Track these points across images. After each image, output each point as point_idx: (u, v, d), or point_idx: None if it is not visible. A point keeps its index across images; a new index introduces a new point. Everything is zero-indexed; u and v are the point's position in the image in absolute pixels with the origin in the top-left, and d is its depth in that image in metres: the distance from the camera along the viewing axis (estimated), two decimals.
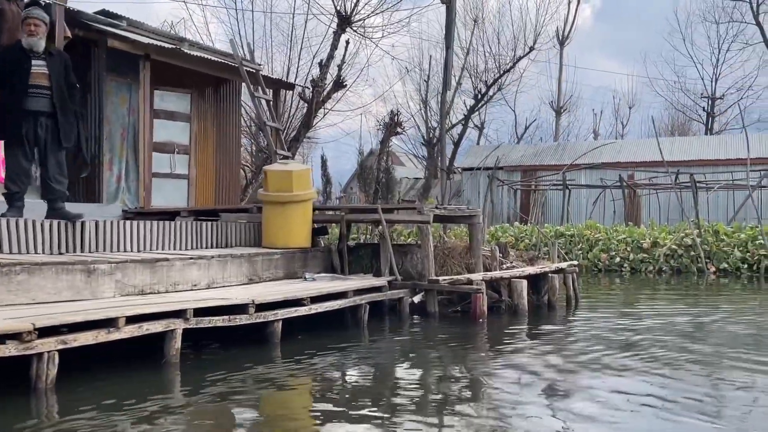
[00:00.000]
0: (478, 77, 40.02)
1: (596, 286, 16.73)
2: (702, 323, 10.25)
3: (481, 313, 9.29)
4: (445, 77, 16.17)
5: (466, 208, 10.72)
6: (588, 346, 8.23)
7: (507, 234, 22.16)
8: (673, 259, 19.31)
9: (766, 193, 23.15)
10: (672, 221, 24.43)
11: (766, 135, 31.99)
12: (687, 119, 51.29)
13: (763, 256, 18.12)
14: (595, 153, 31.87)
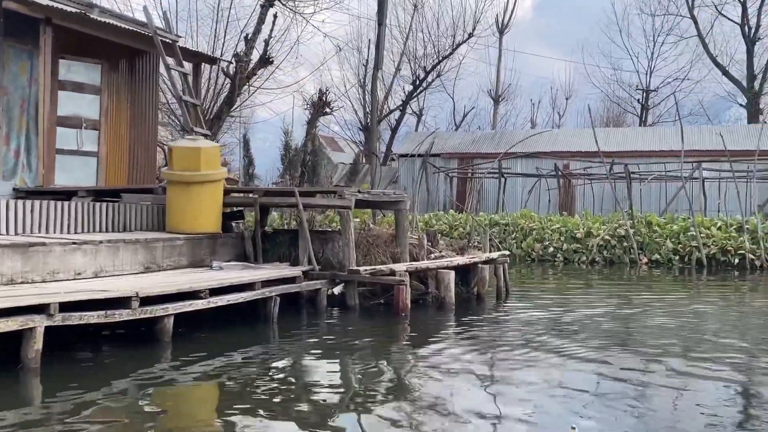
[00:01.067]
0: (417, 63, 39.46)
1: (529, 277, 16.29)
2: (626, 315, 9.93)
3: (404, 307, 8.57)
4: (377, 56, 15.39)
5: (393, 193, 9.98)
6: (512, 340, 7.77)
7: (441, 222, 21.60)
8: (606, 249, 19.07)
9: (698, 184, 23.18)
10: (606, 211, 24.30)
11: (698, 127, 32.32)
12: (622, 111, 51.83)
13: (695, 248, 18.01)
14: (531, 141, 31.63)
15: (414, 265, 9.35)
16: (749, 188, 20.81)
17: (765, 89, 38.16)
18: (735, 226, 18.37)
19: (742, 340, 8.05)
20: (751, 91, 37.80)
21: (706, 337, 8.23)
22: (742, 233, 17.85)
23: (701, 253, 17.82)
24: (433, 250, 10.97)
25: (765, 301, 12.42)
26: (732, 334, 8.61)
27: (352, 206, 8.87)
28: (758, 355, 7.24)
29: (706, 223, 18.83)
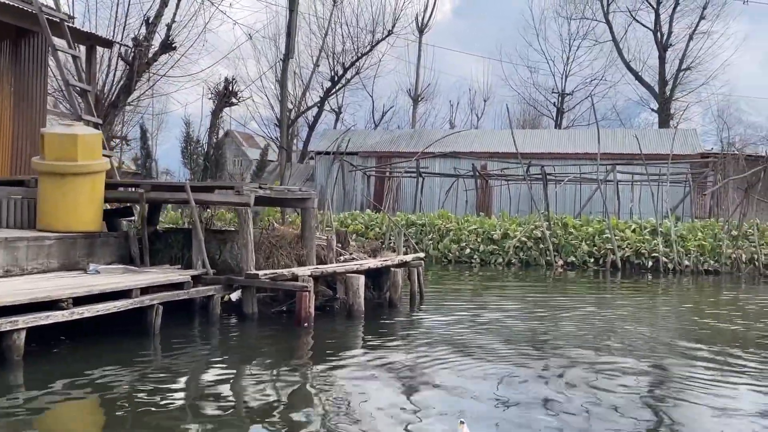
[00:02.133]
0: (336, 59, 38.68)
1: (445, 279, 15.74)
2: (540, 318, 9.63)
3: (307, 315, 7.73)
4: (287, 44, 14.48)
5: (299, 190, 9.13)
6: (420, 350, 7.15)
7: (357, 221, 20.85)
8: (522, 251, 18.76)
9: (612, 187, 23.30)
10: (522, 213, 24.16)
11: (613, 131, 32.80)
12: (538, 114, 52.55)
13: (610, 251, 17.91)
14: (450, 141, 31.33)
15: (320, 268, 8.53)
16: (661, 191, 20.99)
17: (676, 95, 39.29)
18: (649, 228, 18.39)
19: (651, 343, 7.98)
20: (662, 96, 38.83)
21: (615, 340, 8.09)
22: (656, 236, 17.87)
23: (616, 256, 17.74)
24: (344, 252, 10.20)
25: (675, 304, 12.23)
26: (642, 337, 8.48)
27: (251, 203, 7.97)
28: (665, 357, 7.23)
29: (620, 225, 18.80)
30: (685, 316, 10.74)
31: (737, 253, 17.36)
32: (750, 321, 10.10)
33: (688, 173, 23.50)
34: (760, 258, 17.26)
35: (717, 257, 17.44)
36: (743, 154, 19.76)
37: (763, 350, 7.68)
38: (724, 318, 10.30)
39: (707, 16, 38.76)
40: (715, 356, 7.22)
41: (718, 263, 17.36)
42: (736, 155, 19.75)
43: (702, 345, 7.80)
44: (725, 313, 10.80)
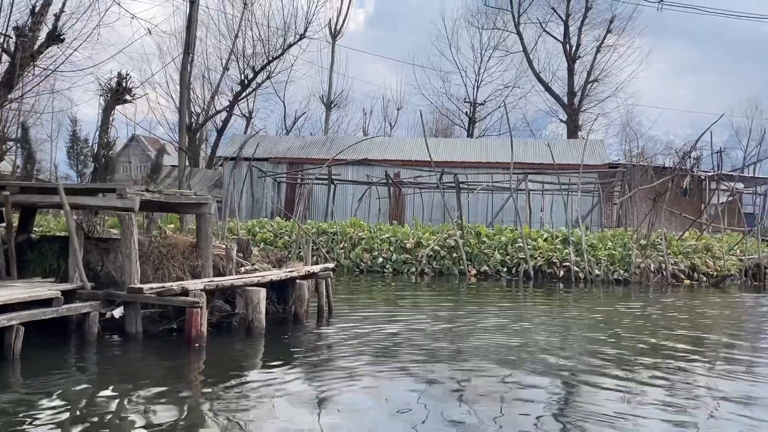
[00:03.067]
0: (246, 62, 37.55)
1: (356, 290, 15.09)
2: (452, 330, 9.29)
3: (198, 335, 6.88)
4: (187, 38, 13.50)
5: (193, 194, 8.24)
6: (328, 370, 6.54)
7: (265, 230, 19.96)
8: (435, 260, 18.35)
9: (524, 196, 23.29)
10: (436, 221, 23.83)
11: (524, 140, 33.07)
12: (450, 123, 52.83)
13: (522, 260, 17.72)
14: (362, 148, 30.79)
15: (215, 281, 7.69)
16: (571, 201, 21.06)
17: (584, 106, 40.15)
18: (560, 238, 18.34)
19: (561, 353, 7.94)
20: (571, 107, 39.59)
21: (526, 351, 8.02)
22: (568, 245, 17.81)
23: (528, 265, 17.57)
24: (245, 262, 9.38)
25: (585, 313, 11.98)
26: (553, 346, 8.46)
27: (136, 208, 7.06)
28: (573, 366, 7.20)
29: (533, 234, 18.68)
30: (594, 325, 10.56)
31: (646, 262, 17.50)
32: (656, 329, 10.04)
33: (597, 183, 23.77)
34: (667, 267, 17.45)
35: (626, 267, 17.52)
36: (652, 165, 20.05)
37: (667, 358, 7.70)
38: (632, 327, 10.25)
39: (614, 30, 39.87)
40: (623, 364, 7.23)
41: (628, 272, 17.45)
42: (645, 166, 20.01)
43: (610, 354, 7.78)
44: (633, 322, 10.76)
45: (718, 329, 10.56)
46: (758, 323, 11.87)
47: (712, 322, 11.49)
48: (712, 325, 11.08)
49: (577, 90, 40.24)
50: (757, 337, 10.20)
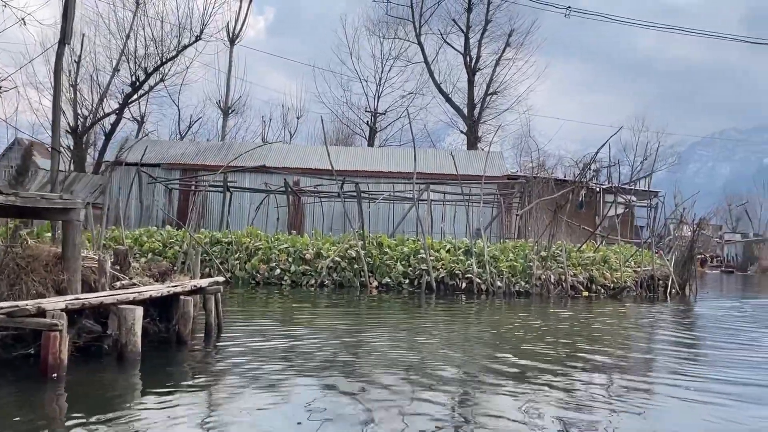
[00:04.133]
0: (138, 63, 35.74)
1: (251, 304, 14.16)
2: (353, 344, 8.85)
3: (57, 362, 5.85)
4: (63, 27, 12.23)
5: (59, 198, 7.17)
6: (212, 399, 5.80)
7: (154, 239, 18.65)
8: (336, 272, 17.64)
9: (426, 206, 23.00)
10: (336, 231, 23.14)
11: (425, 150, 32.92)
12: (351, 132, 52.36)
13: (425, 271, 17.29)
14: (261, 154, 29.74)
15: (81, 299, 6.65)
16: (472, 212, 20.89)
17: (483, 118, 40.60)
18: (463, 249, 18.05)
19: (461, 365, 7.78)
20: (470, 118, 39.94)
21: (426, 364, 7.74)
22: (470, 257, 17.53)
23: (431, 277, 17.15)
24: (122, 276, 8.34)
25: (486, 325, 11.60)
26: (452, 358, 8.29)
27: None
28: (472, 379, 7.07)
29: (435, 245, 18.30)
30: (493, 337, 10.30)
31: (546, 274, 17.45)
32: (554, 339, 9.97)
33: (497, 194, 23.79)
34: (567, 279, 17.46)
35: (528, 278, 17.41)
36: (553, 177, 20.16)
37: (565, 367, 7.72)
38: (530, 338, 10.13)
39: (512, 44, 40.63)
40: (521, 375, 7.19)
41: (529, 284, 17.34)
42: (546, 178, 20.10)
43: (508, 364, 7.72)
44: (532, 333, 10.62)
45: (613, 339, 10.51)
46: (648, 333, 11.92)
47: (607, 332, 11.43)
48: (606, 335, 11.01)
49: (476, 102, 40.70)
50: (650, 348, 10.09)
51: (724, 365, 8.49)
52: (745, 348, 10.06)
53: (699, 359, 9.21)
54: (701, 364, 8.72)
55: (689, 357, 9.29)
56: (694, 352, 9.80)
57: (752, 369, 8.27)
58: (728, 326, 13.00)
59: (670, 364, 8.51)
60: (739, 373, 7.83)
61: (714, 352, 9.76)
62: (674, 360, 8.89)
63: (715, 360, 9.02)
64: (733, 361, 8.89)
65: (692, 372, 7.97)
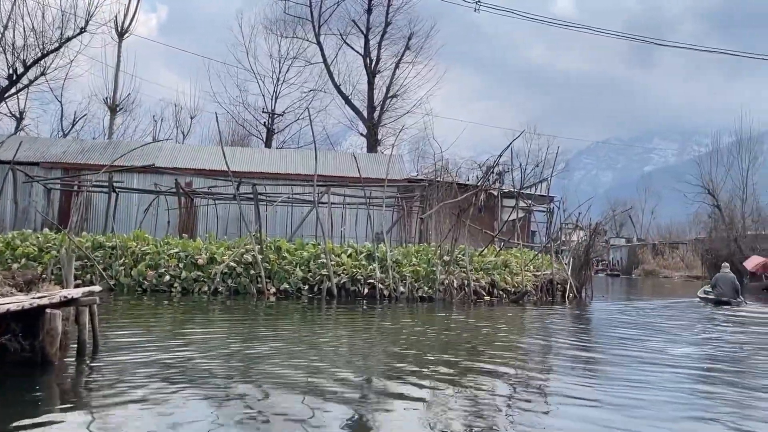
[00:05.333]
0: (16, 55, 33.38)
1: (136, 314, 13.01)
2: (247, 356, 8.07)
3: None
4: None
5: None
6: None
7: (28, 243, 17.04)
8: (231, 278, 16.67)
9: (326, 209, 22.32)
10: (232, 235, 22.08)
11: (324, 152, 32.25)
12: (247, 134, 50.92)
13: (325, 277, 16.59)
14: (150, 154, 28.19)
15: None
16: (374, 215, 20.40)
17: (383, 121, 40.32)
18: (365, 253, 17.48)
19: (360, 374, 7.41)
20: (370, 121, 39.57)
21: (327, 370, 7.48)
22: (372, 261, 16.98)
23: (332, 282, 16.48)
24: None
25: (387, 332, 11.09)
26: (353, 365, 7.99)
27: None
28: (373, 385, 6.91)
29: (336, 250, 17.65)
30: (396, 344, 9.84)
31: (450, 278, 17.14)
32: (457, 345, 9.76)
33: (399, 197, 23.43)
34: (470, 284, 17.22)
35: (431, 283, 17.04)
36: (456, 181, 19.95)
37: (467, 374, 7.57)
38: (433, 344, 9.87)
39: (412, 47, 40.60)
40: (423, 380, 7.01)
41: (432, 289, 16.97)
42: (450, 182, 19.87)
43: (409, 375, 7.32)
44: (434, 339, 10.40)
45: (515, 345, 10.36)
46: (548, 338, 11.81)
47: (509, 338, 11.26)
48: (508, 341, 10.85)
49: (376, 104, 40.38)
50: (550, 352, 9.87)
51: (620, 368, 8.53)
52: (638, 349, 10.10)
53: (597, 363, 9.15)
54: (598, 369, 8.65)
55: (587, 361, 9.22)
56: (591, 357, 9.67)
57: (643, 368, 8.38)
58: (623, 329, 13.16)
59: (569, 370, 8.45)
60: (633, 375, 7.88)
61: (605, 356, 9.64)
62: (573, 365, 8.84)
63: (610, 363, 9.03)
64: (627, 363, 8.95)
65: (589, 376, 8.00)
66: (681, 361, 9.12)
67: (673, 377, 7.88)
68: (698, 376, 8.07)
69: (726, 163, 51.87)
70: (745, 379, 8.09)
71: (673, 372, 8.21)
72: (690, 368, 8.54)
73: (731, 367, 8.93)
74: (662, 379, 7.72)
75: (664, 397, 6.72)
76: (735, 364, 9.20)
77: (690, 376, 7.96)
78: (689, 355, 9.83)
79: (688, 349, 10.32)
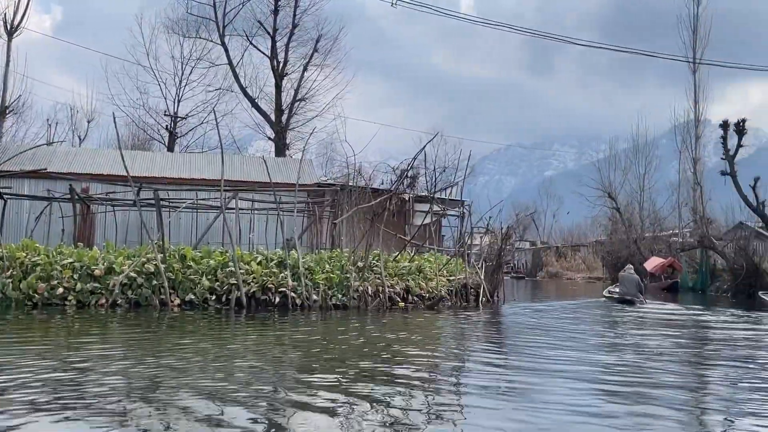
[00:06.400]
0: None
1: (23, 331, 11.85)
2: (146, 373, 7.23)
3: None
4: None
5: None
6: None
7: None
8: (131, 289, 15.61)
9: (233, 215, 21.46)
10: (132, 243, 20.85)
11: (231, 156, 31.25)
12: (149, 138, 48.94)
13: (234, 286, 15.80)
14: (42, 157, 26.42)
15: None
16: (285, 221, 19.72)
17: (292, 124, 39.50)
18: (276, 261, 16.78)
19: (271, 388, 6.91)
20: (278, 124, 38.68)
21: (234, 384, 7.03)
22: (284, 269, 16.32)
23: (241, 292, 15.71)
24: None
25: (298, 343, 10.55)
26: (262, 380, 7.41)
27: None
28: (283, 398, 6.54)
29: (245, 257, 16.86)
30: (308, 355, 9.35)
31: (364, 285, 16.70)
32: (370, 354, 9.38)
33: (310, 202, 22.84)
34: (385, 290, 16.84)
35: (345, 290, 16.54)
36: (370, 185, 19.57)
37: (381, 383, 7.33)
38: (347, 354, 9.45)
39: (320, 50, 39.99)
40: (336, 394, 6.62)
41: (346, 297, 16.48)
42: (364, 187, 19.45)
43: (320, 388, 6.91)
44: (346, 348, 10.03)
45: (430, 352, 10.04)
46: (463, 342, 11.75)
47: (424, 344, 11.02)
48: (424, 347, 10.57)
49: (285, 108, 39.54)
50: (465, 357, 9.59)
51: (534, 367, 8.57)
52: (550, 347, 10.15)
53: (509, 365, 9.11)
54: (512, 371, 8.64)
55: (500, 365, 9.16)
56: (505, 360, 9.51)
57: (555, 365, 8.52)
58: (536, 332, 13.19)
59: (483, 374, 8.38)
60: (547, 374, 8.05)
61: (519, 358, 9.48)
62: (488, 368, 8.77)
63: (523, 364, 9.06)
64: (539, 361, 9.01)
65: (503, 379, 7.95)
66: (594, 370, 8.99)
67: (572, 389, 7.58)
68: (617, 383, 7.89)
69: (624, 168, 54.03)
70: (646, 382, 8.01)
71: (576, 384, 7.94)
72: (602, 380, 8.19)
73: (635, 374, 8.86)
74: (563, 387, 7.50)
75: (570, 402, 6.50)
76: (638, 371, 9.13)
77: (604, 390, 7.55)
78: (604, 362, 9.70)
79: (602, 357, 10.23)
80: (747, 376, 8.52)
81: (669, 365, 9.37)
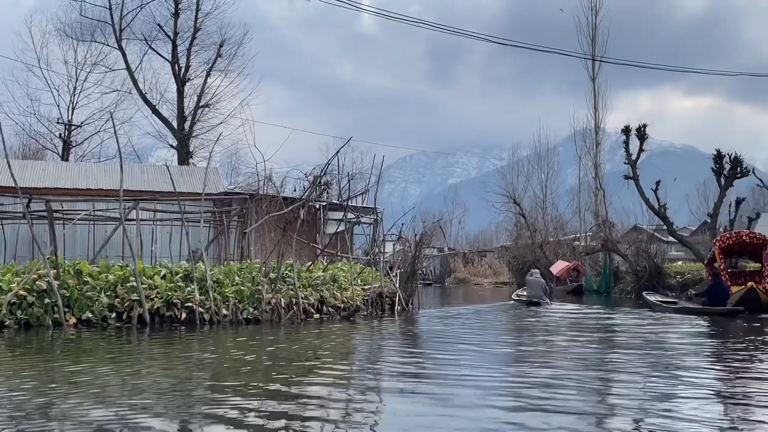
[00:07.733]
0: None
1: None
2: (37, 403, 6.50)
3: None
4: None
5: None
6: None
7: None
8: (21, 309, 14.32)
9: (134, 227, 20.28)
10: (21, 259, 19.33)
11: (130, 165, 29.75)
12: (41, 147, 46.22)
13: (136, 302, 14.77)
14: None
15: None
16: (190, 232, 18.74)
17: (195, 131, 38.11)
18: (182, 274, 15.83)
19: (174, 415, 6.37)
20: (181, 132, 37.21)
21: (132, 415, 6.31)
22: (191, 283, 15.41)
23: (143, 308, 14.70)
24: None
25: (205, 362, 9.86)
26: (166, 405, 6.77)
27: None
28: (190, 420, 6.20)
29: (148, 271, 15.83)
30: (215, 375, 8.84)
31: (277, 297, 16.00)
32: (284, 370, 8.97)
33: (216, 212, 21.90)
34: (299, 302, 16.19)
35: (256, 304, 15.79)
36: (281, 193, 18.85)
37: (296, 401, 6.95)
38: (257, 372, 9.00)
39: (224, 55, 38.80)
40: (247, 417, 6.24)
41: (258, 310, 15.72)
42: (275, 195, 18.73)
43: (231, 409, 6.52)
44: (259, 366, 9.44)
45: (346, 364, 9.78)
46: (378, 353, 11.61)
47: (338, 356, 10.73)
48: (338, 359, 10.32)
49: (187, 114, 38.10)
50: (381, 368, 9.21)
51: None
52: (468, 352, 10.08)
53: (426, 372, 9.06)
54: (428, 377, 8.64)
55: (416, 373, 9.01)
56: (421, 366, 9.22)
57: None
58: (452, 340, 13.14)
59: (399, 382, 8.37)
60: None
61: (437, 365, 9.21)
62: (403, 376, 8.72)
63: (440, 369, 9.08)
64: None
65: (418, 390, 7.75)
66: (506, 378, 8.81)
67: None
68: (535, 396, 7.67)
69: (527, 174, 55.33)
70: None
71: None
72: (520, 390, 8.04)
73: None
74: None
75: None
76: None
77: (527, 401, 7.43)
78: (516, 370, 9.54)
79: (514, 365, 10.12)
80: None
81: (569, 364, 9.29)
